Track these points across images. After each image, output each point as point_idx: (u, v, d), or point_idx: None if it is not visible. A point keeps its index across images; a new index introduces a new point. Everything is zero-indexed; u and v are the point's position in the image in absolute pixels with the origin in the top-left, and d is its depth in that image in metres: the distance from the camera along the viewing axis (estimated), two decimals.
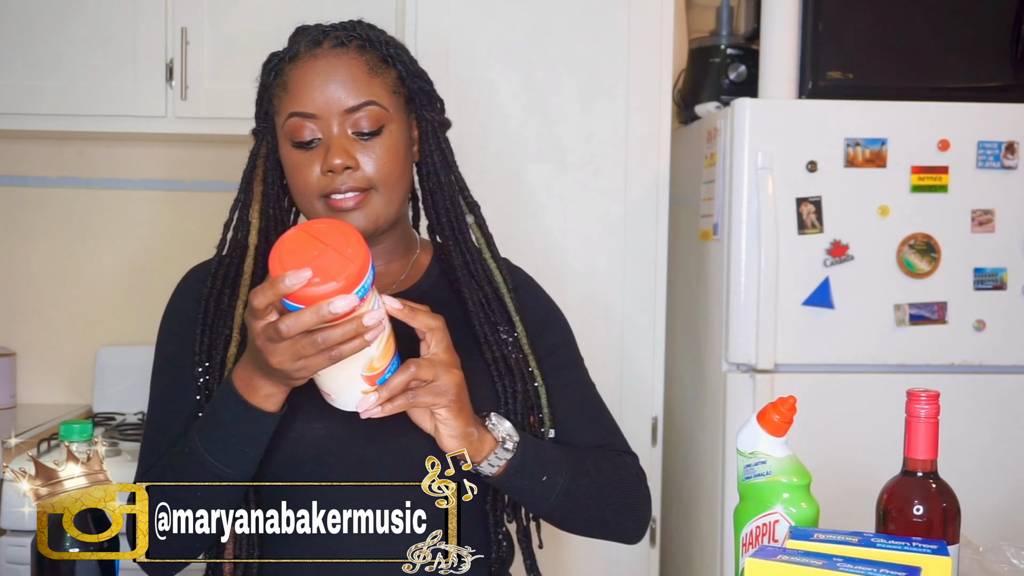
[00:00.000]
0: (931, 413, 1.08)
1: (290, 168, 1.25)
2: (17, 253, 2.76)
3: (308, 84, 1.22)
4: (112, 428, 2.49)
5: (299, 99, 1.22)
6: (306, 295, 1.01)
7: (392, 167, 1.24)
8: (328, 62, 1.23)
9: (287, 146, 1.24)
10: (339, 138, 1.21)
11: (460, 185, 1.35)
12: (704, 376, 2.40)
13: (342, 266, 1.02)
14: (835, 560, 0.93)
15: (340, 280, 1.01)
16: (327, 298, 1.01)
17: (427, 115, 1.30)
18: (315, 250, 1.03)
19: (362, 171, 1.22)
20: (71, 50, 2.43)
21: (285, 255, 1.03)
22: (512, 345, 1.28)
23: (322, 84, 1.21)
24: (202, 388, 1.23)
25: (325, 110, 1.21)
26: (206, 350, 1.24)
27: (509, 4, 2.38)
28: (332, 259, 1.02)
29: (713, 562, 2.31)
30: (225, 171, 2.68)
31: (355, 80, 1.22)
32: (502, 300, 1.31)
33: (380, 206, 1.24)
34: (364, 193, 1.22)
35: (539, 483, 1.20)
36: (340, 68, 1.22)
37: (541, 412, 1.28)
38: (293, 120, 1.22)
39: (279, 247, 1.04)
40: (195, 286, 1.30)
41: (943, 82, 2.31)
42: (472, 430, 1.14)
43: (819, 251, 2.21)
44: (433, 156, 1.31)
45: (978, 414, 2.23)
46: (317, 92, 1.21)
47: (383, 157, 1.23)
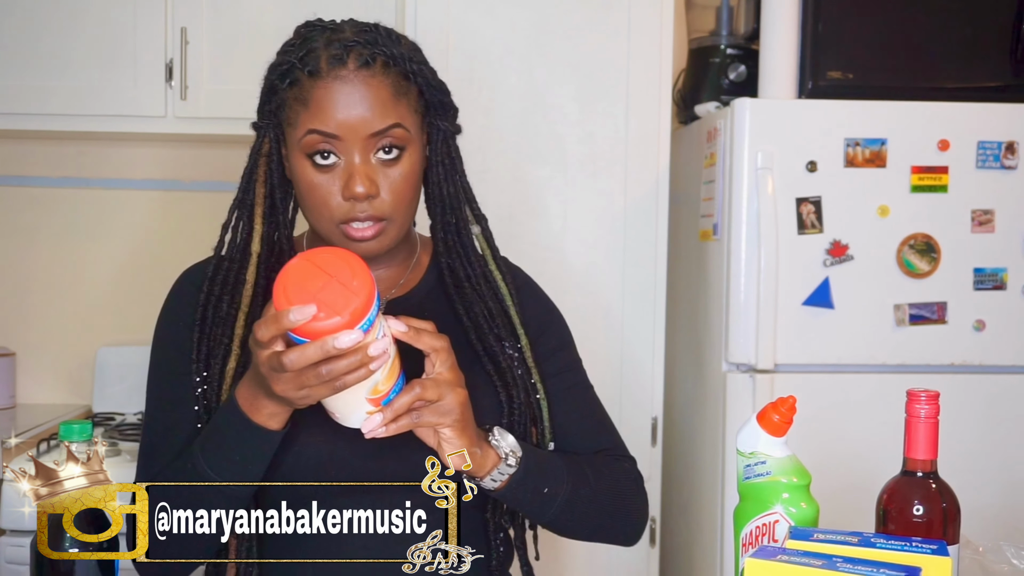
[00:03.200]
0: (931, 413, 1.08)
1: (305, 186, 1.20)
2: (17, 253, 2.76)
3: (332, 105, 1.17)
4: (112, 428, 2.49)
5: (322, 118, 1.17)
6: (311, 330, 1.00)
7: (407, 192, 1.21)
8: (355, 86, 1.17)
9: (302, 159, 1.20)
10: (362, 165, 1.18)
11: (468, 196, 1.32)
12: (704, 376, 2.40)
13: (347, 300, 1.01)
14: (835, 560, 0.93)
15: (345, 315, 1.00)
16: (332, 333, 1.00)
17: (439, 124, 1.27)
18: (320, 281, 1.02)
19: (381, 199, 1.19)
20: (71, 50, 2.43)
21: (290, 286, 1.02)
22: (514, 356, 1.27)
23: (347, 106, 1.16)
24: (200, 398, 1.21)
25: (350, 133, 1.17)
26: (204, 359, 1.22)
27: (509, 4, 2.38)
28: (337, 292, 1.01)
29: (713, 562, 2.31)
30: (225, 171, 2.69)
31: (383, 104, 1.18)
32: (507, 313, 1.30)
33: (394, 234, 1.22)
34: (380, 224, 1.20)
35: (540, 495, 1.19)
36: (368, 92, 1.17)
37: (543, 424, 1.28)
38: (313, 137, 1.18)
39: (284, 277, 1.03)
40: (190, 289, 1.28)
41: (943, 82, 2.31)
42: (476, 449, 1.14)
43: (819, 251, 2.21)
44: (442, 164, 1.29)
45: (978, 414, 2.23)
46: (342, 114, 1.16)
47: (400, 184, 1.20)
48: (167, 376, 1.26)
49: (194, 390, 1.22)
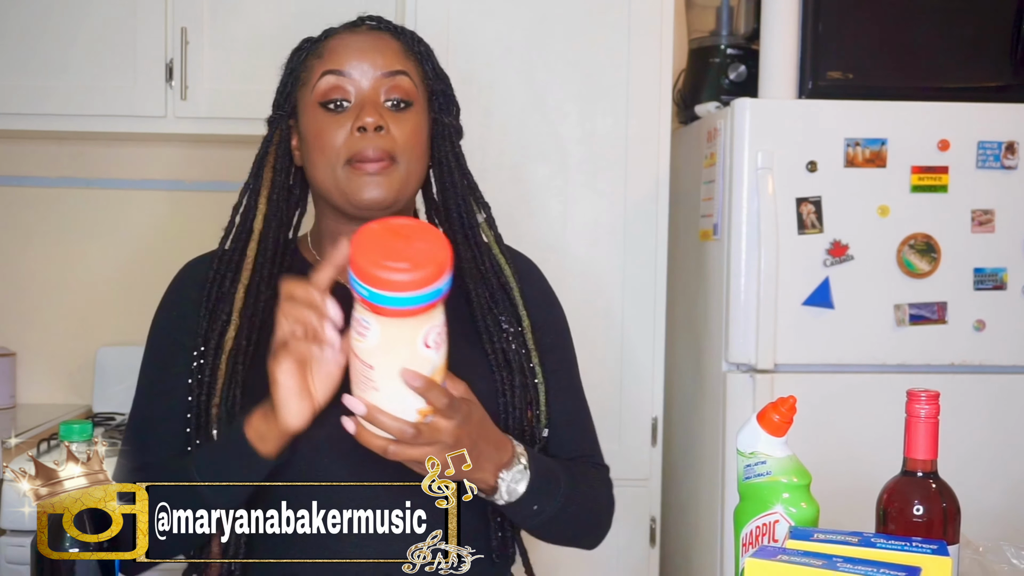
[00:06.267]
0: (931, 413, 1.08)
1: (315, 131, 1.25)
2: (17, 253, 2.76)
3: (345, 48, 1.26)
4: (112, 428, 2.49)
5: (335, 59, 1.26)
6: (380, 278, 1.00)
7: (416, 142, 1.26)
8: (366, 35, 1.28)
9: (314, 110, 1.26)
10: (373, 101, 1.24)
11: (472, 186, 1.37)
12: (704, 376, 2.40)
13: (429, 258, 1.01)
14: (835, 560, 0.93)
15: (423, 271, 1.00)
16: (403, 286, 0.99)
17: (445, 119, 1.33)
18: (403, 242, 1.03)
19: (391, 135, 1.23)
20: (71, 50, 2.43)
21: (369, 240, 1.03)
22: (514, 337, 1.28)
23: (359, 48, 1.26)
24: (195, 372, 1.23)
25: (360, 71, 1.25)
26: (204, 332, 1.24)
27: (509, 4, 2.37)
28: (421, 251, 1.02)
29: (713, 562, 2.31)
30: (225, 171, 2.69)
31: (393, 52, 1.27)
32: (509, 294, 1.32)
33: (400, 179, 1.25)
34: (389, 162, 1.23)
35: (530, 510, 1.20)
36: (379, 42, 1.28)
37: (539, 409, 1.28)
38: (327, 79, 1.25)
39: (363, 233, 1.04)
40: (190, 282, 1.30)
41: (943, 82, 2.31)
42: (484, 485, 1.16)
43: (819, 251, 2.21)
44: (449, 159, 1.33)
45: (978, 414, 2.23)
46: (355, 55, 1.25)
47: (409, 130, 1.25)
48: (159, 366, 1.28)
49: (191, 363, 1.23)
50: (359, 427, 1.07)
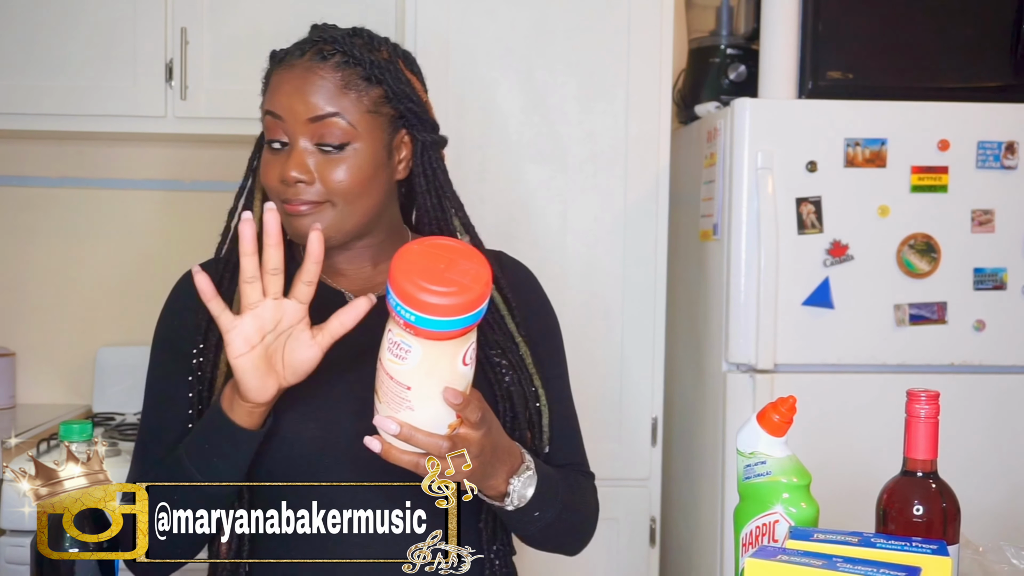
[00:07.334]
0: (931, 413, 1.08)
1: (262, 165, 1.28)
2: (17, 253, 2.76)
3: (278, 88, 1.24)
4: (112, 428, 2.49)
5: (271, 99, 1.25)
6: (420, 300, 1.00)
7: (352, 184, 1.23)
8: (299, 73, 1.24)
9: (265, 144, 1.27)
10: (300, 151, 1.22)
11: (455, 204, 1.34)
12: (704, 376, 2.40)
13: (472, 282, 1.02)
14: (835, 560, 0.93)
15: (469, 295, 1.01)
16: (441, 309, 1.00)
17: (417, 135, 1.30)
18: (446, 263, 1.03)
19: (317, 186, 1.22)
20: (71, 50, 2.43)
21: (414, 260, 1.03)
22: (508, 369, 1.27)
23: (290, 91, 1.23)
24: (195, 369, 1.24)
25: (290, 115, 1.23)
26: (204, 332, 1.25)
27: (509, 4, 2.37)
28: (465, 273, 1.02)
29: (713, 562, 2.31)
30: (225, 171, 2.69)
31: (322, 93, 1.22)
32: (501, 325, 1.31)
33: (338, 218, 1.23)
34: (318, 204, 1.23)
35: (531, 516, 1.20)
36: (310, 80, 1.23)
37: (541, 431, 1.29)
38: (267, 118, 1.25)
39: (406, 253, 1.04)
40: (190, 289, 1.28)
41: (943, 82, 2.31)
42: (495, 492, 1.16)
43: (819, 251, 2.21)
44: (423, 175, 1.31)
45: (978, 414, 2.23)
46: (285, 97, 1.23)
47: (343, 174, 1.22)
48: (163, 375, 1.28)
49: (193, 360, 1.24)
50: (387, 445, 1.07)
